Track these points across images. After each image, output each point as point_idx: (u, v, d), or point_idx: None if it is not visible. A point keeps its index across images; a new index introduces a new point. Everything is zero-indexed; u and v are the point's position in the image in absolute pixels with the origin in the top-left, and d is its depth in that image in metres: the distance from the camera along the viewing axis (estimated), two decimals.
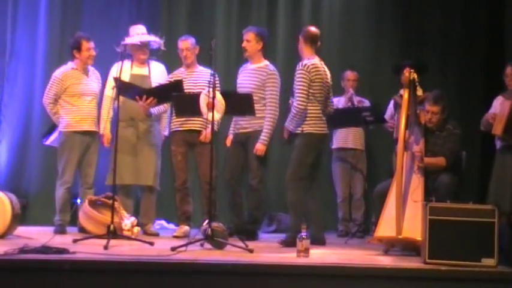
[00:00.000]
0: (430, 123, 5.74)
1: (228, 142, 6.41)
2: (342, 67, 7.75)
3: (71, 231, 6.27)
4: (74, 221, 6.44)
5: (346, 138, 7.26)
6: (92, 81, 6.51)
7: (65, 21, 7.63)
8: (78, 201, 6.51)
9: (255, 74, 6.27)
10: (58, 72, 6.47)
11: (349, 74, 7.32)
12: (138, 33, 6.47)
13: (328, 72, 6.06)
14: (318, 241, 5.72)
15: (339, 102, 7.08)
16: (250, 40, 6.29)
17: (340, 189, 7.28)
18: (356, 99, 7.16)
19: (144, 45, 6.45)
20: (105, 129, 6.40)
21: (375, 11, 8.06)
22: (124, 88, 5.91)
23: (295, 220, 5.76)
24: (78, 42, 6.42)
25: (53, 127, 6.58)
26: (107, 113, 6.34)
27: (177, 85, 6.06)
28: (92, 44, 6.42)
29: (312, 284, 4.35)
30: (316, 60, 5.95)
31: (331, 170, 7.36)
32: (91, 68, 6.54)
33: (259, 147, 6.12)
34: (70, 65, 6.49)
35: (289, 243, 5.52)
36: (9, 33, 7.55)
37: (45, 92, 6.50)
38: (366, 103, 7.19)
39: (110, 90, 6.34)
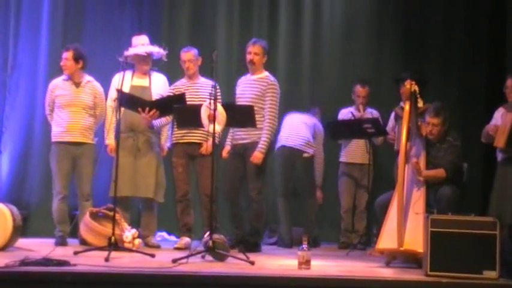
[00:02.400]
0: (430, 135, 5.73)
1: (225, 153, 6.40)
2: (343, 78, 7.77)
3: (72, 243, 6.27)
4: (75, 233, 6.42)
5: (355, 153, 7.22)
6: (83, 92, 6.44)
7: (67, 33, 7.63)
8: (78, 213, 6.49)
9: (255, 84, 6.27)
10: (50, 83, 6.53)
11: (359, 90, 7.16)
12: (142, 44, 6.45)
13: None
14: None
15: (348, 114, 7.06)
16: (259, 53, 6.27)
17: (344, 200, 7.25)
18: (364, 114, 7.11)
19: (147, 56, 6.44)
20: (109, 138, 6.33)
21: (375, 22, 8.09)
22: (126, 100, 5.91)
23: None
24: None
25: None
26: (109, 123, 6.33)
27: (180, 98, 6.05)
28: (64, 55, 6.40)
29: None
30: None
31: (337, 182, 7.34)
32: (87, 79, 6.49)
33: (257, 155, 6.10)
34: (63, 76, 6.50)
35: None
36: (11, 46, 7.57)
37: None
38: (375, 114, 7.16)
39: (112, 102, 6.33)
